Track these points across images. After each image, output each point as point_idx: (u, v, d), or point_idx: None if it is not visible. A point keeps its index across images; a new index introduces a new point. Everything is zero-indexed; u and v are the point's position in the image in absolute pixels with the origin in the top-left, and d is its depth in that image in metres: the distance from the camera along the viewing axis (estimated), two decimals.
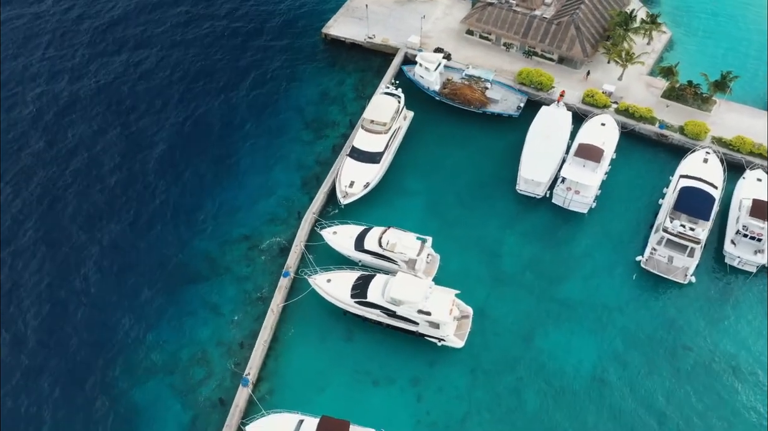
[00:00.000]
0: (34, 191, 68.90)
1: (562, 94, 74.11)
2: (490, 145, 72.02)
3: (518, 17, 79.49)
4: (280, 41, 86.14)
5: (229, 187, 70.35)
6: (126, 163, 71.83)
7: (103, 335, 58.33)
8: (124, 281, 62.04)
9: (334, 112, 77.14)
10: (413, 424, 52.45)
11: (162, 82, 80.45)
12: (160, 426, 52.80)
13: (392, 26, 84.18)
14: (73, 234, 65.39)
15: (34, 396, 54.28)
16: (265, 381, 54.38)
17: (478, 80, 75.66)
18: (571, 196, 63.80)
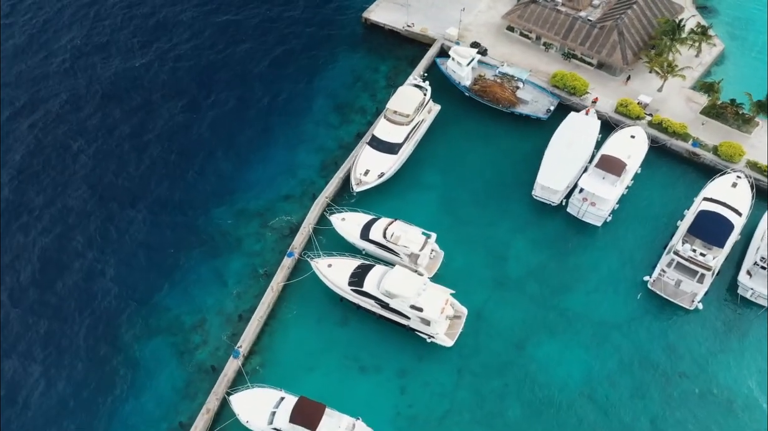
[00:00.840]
0: (74, 154, 72.26)
1: (595, 101, 72.34)
2: (515, 146, 71.11)
3: (561, 17, 77.53)
4: (320, 22, 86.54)
5: (253, 161, 71.87)
6: (163, 126, 74.31)
7: (117, 291, 61.20)
8: (141, 242, 64.81)
9: (363, 98, 77.47)
10: (393, 415, 53.41)
11: (203, 59, 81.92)
12: (156, 384, 55.45)
13: (433, 16, 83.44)
14: (100, 191, 68.58)
15: (47, 342, 57.91)
16: (257, 355, 56.28)
17: (511, 79, 74.53)
18: (587, 207, 62.60)
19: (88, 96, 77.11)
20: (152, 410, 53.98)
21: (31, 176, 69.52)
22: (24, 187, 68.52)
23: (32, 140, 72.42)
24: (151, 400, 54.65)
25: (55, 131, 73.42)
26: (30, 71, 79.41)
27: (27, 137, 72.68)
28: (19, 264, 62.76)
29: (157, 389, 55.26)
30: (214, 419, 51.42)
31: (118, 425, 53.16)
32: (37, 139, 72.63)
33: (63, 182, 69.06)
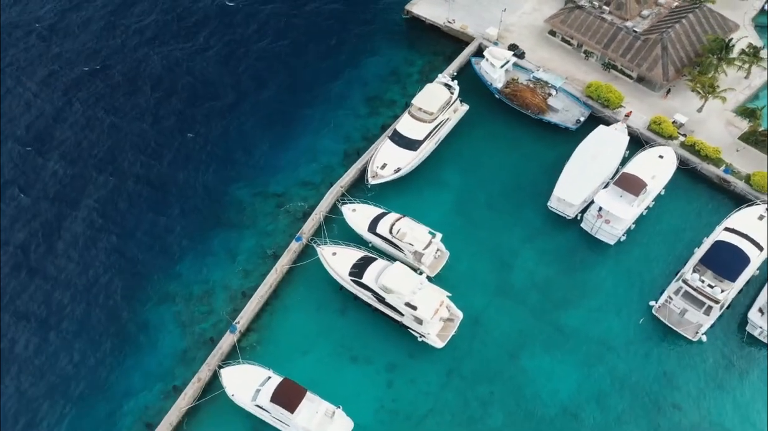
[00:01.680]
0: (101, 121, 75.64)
1: (628, 115, 70.47)
2: (539, 153, 70.13)
3: (604, 26, 75.48)
4: (364, 10, 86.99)
5: (279, 143, 73.36)
6: (199, 100, 76.64)
7: (135, 256, 64.17)
8: (161, 211, 67.50)
9: (394, 91, 77.72)
10: (376, 407, 54.46)
11: (253, 46, 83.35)
12: (158, 347, 58.09)
13: (476, 14, 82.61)
14: (127, 156, 71.66)
15: (62, 293, 61.51)
16: (254, 332, 58.21)
17: (545, 85, 73.36)
18: (601, 224, 61.49)
19: (143, 74, 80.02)
20: (152, 370, 56.70)
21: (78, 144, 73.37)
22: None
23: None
24: (153, 361, 57.39)
25: (103, 104, 76.70)
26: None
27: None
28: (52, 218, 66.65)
29: (159, 352, 57.94)
30: (204, 388, 53.68)
31: (118, 378, 56.10)
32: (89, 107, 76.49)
33: (112, 145, 72.49)
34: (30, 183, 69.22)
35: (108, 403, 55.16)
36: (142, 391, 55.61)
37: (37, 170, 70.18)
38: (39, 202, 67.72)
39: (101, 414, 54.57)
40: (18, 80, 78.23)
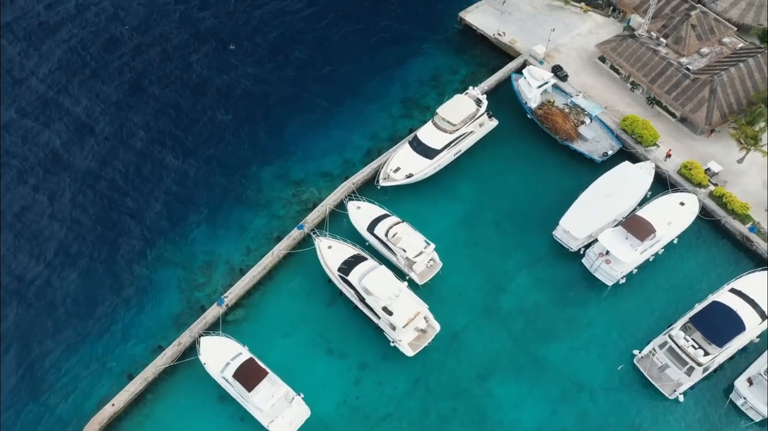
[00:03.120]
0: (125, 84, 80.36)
1: (669, 155, 67.88)
2: (558, 181, 68.89)
3: (655, 59, 72.65)
4: (420, 12, 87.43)
5: (309, 131, 75.32)
6: (247, 84, 79.94)
7: (157, 216, 68.05)
8: (189, 180, 71.35)
9: (431, 96, 78.04)
10: (339, 401, 56.14)
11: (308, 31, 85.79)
12: (157, 305, 61.51)
13: (529, 30, 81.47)
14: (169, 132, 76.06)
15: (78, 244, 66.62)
16: (242, 308, 61.09)
17: (580, 112, 71.71)
18: (601, 263, 60.08)
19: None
20: (147, 326, 60.36)
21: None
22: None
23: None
24: (149, 318, 61.09)
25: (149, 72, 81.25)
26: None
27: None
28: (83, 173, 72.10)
29: (156, 310, 61.57)
30: (183, 352, 57.15)
31: (110, 328, 60.05)
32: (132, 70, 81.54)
33: (153, 109, 77.10)
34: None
35: (102, 347, 59.25)
36: (133, 343, 59.60)
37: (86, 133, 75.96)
38: (76, 155, 73.17)
39: (93, 355, 58.81)
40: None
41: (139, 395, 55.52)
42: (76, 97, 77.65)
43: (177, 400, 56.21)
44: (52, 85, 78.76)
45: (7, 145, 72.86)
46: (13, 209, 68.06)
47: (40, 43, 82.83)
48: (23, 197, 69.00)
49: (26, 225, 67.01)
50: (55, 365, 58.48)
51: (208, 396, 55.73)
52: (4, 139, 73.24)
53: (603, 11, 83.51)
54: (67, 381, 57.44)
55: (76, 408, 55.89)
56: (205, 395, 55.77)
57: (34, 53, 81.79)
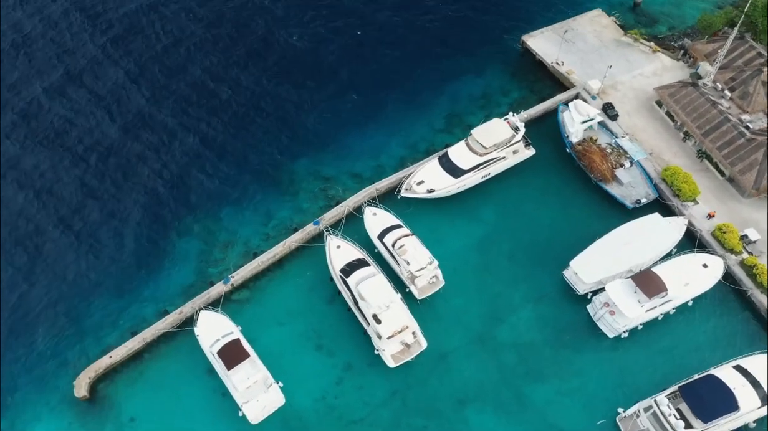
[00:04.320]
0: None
1: (711, 215, 64.83)
2: (584, 221, 67.19)
3: (712, 112, 69.27)
4: (486, 29, 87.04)
5: (351, 131, 77.00)
6: (306, 77, 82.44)
7: (196, 190, 71.67)
8: (232, 162, 74.47)
9: (477, 115, 77.73)
10: (318, 397, 57.68)
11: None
12: (174, 272, 65.20)
13: (589, 62, 79.53)
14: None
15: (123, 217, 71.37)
16: (247, 290, 63.80)
17: (622, 154, 69.55)
18: (605, 313, 58.41)
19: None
20: (160, 289, 64.10)
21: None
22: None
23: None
24: (162, 282, 64.90)
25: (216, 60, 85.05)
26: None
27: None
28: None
29: (173, 276, 65.29)
30: (183, 321, 60.43)
31: (128, 285, 64.25)
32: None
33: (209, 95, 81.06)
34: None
35: (116, 301, 63.56)
36: (144, 303, 63.60)
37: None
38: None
39: (108, 308, 63.20)
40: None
41: (136, 353, 59.35)
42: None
43: (170, 365, 59.61)
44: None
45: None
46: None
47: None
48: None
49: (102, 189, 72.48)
50: (71, 310, 63.32)
51: (197, 367, 58.71)
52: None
53: (673, 54, 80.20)
54: (80, 328, 62.10)
55: (82, 354, 60.38)
56: (195, 365, 58.79)
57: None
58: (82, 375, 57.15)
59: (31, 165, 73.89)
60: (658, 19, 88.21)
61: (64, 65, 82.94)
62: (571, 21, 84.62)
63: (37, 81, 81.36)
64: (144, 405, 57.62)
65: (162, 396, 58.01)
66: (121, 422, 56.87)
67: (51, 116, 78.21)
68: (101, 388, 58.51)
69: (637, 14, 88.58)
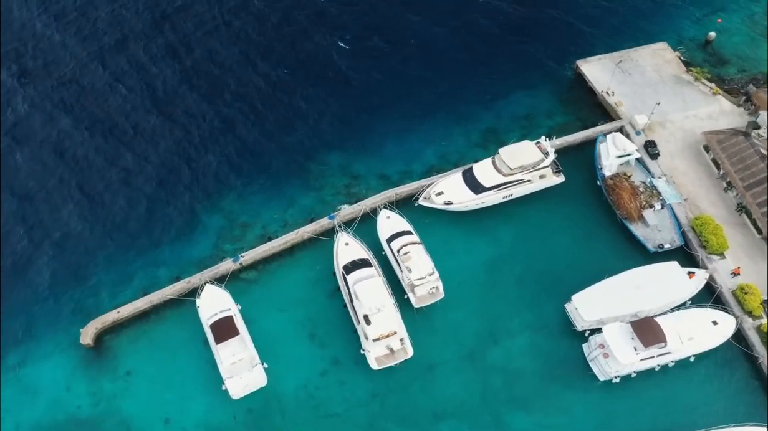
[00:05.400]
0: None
1: (736, 272, 61.88)
2: (602, 257, 65.22)
3: (759, 166, 65.70)
4: (542, 47, 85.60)
5: (388, 133, 77.45)
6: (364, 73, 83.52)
7: (225, 170, 74.30)
8: (267, 147, 76.73)
9: (514, 134, 76.61)
10: (300, 385, 59.19)
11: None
12: (193, 242, 68.03)
13: (642, 95, 76.87)
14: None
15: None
16: (255, 271, 66.07)
17: (655, 195, 67.13)
18: (598, 354, 56.90)
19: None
20: (176, 256, 66.94)
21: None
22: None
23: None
24: (181, 250, 67.77)
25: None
26: None
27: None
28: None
29: (191, 246, 68.15)
30: (190, 291, 63.34)
31: (149, 249, 67.73)
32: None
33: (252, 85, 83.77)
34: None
35: (137, 261, 67.01)
36: (161, 267, 67.09)
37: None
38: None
39: (128, 266, 67.17)
40: None
41: (142, 312, 62.89)
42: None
43: (172, 329, 62.78)
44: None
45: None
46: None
47: None
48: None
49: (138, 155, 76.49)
50: (95, 262, 67.57)
51: (196, 337, 61.42)
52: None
53: (735, 98, 76.25)
54: (99, 280, 66.25)
55: (96, 304, 64.37)
56: (194, 334, 61.54)
57: None
58: (90, 324, 61.16)
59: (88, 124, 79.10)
60: (728, 59, 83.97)
61: (123, 34, 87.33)
62: (632, 51, 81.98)
63: (91, 48, 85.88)
64: (141, 363, 61.09)
65: (159, 357, 61.30)
66: (118, 374, 60.58)
67: (102, 83, 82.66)
68: (107, 339, 62.50)
69: (707, 52, 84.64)
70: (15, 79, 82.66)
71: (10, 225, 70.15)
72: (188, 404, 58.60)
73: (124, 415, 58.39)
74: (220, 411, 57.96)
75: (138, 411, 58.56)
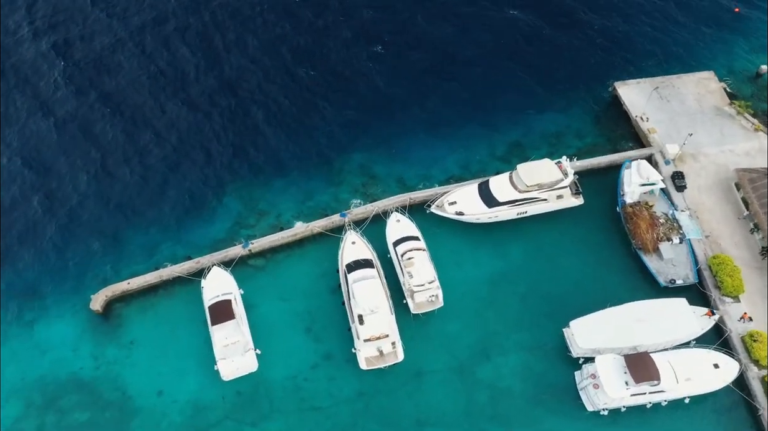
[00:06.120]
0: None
1: (744, 317, 59.53)
2: (611, 285, 63.68)
3: None
4: (582, 65, 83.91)
5: (415, 137, 77.33)
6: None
7: (254, 158, 76.08)
8: (296, 138, 78.21)
9: (541, 151, 74.45)
10: (289, 374, 60.02)
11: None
12: (208, 224, 69.60)
13: (678, 124, 74.50)
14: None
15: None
16: (263, 259, 67.56)
17: (675, 228, 65.10)
18: (588, 384, 55.74)
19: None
20: (192, 235, 68.83)
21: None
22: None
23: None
24: (198, 231, 69.35)
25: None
26: None
27: None
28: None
29: (205, 227, 69.74)
30: (197, 271, 65.35)
31: (170, 226, 70.05)
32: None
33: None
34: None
35: (156, 236, 69.31)
36: (178, 244, 69.02)
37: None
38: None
39: (147, 239, 69.76)
40: None
41: (151, 286, 65.40)
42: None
43: (177, 306, 64.91)
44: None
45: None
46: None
47: None
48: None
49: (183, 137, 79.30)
50: (118, 233, 70.64)
51: (198, 316, 63.05)
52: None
53: None
54: (119, 250, 69.10)
55: (112, 273, 66.96)
56: (196, 314, 63.19)
57: None
58: (101, 292, 64.06)
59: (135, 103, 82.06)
60: None
61: (163, 16, 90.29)
62: (675, 77, 79.49)
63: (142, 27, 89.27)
64: (145, 334, 63.55)
65: (162, 330, 63.62)
66: (122, 342, 63.23)
67: (151, 62, 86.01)
68: (116, 307, 65.24)
69: (756, 86, 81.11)
70: (55, 51, 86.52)
71: (37, 190, 74.02)
72: (182, 379, 60.65)
73: (121, 382, 60.98)
74: (211, 390, 59.76)
75: (135, 379, 61.02)
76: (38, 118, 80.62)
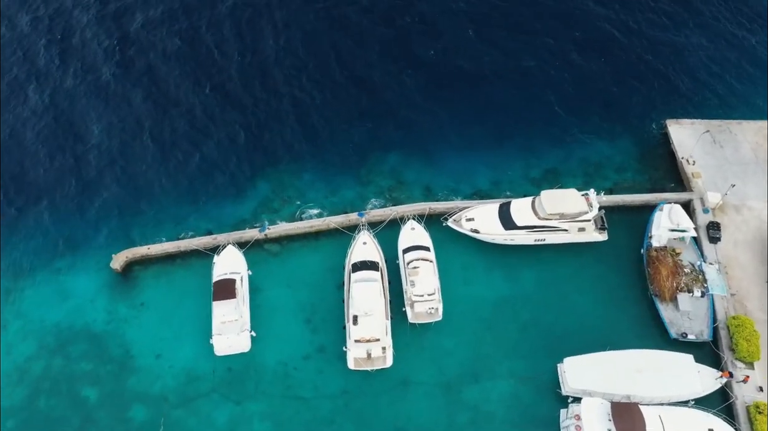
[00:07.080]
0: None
1: (745, 380, 56.24)
2: (620, 328, 61.29)
3: None
4: (643, 99, 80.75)
5: (453, 149, 76.98)
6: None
7: (294, 146, 78.55)
8: (333, 133, 79.57)
9: (575, 179, 72.57)
10: (280, 360, 61.00)
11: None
12: (235, 204, 72.11)
13: (726, 172, 70.51)
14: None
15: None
16: (278, 245, 68.97)
17: (699, 280, 61.89)
18: (571, 424, 53.89)
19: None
20: (218, 212, 71.63)
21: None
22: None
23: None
24: (225, 208, 71.86)
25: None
26: None
27: None
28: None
29: (232, 206, 71.95)
30: (214, 247, 67.70)
31: (201, 200, 73.14)
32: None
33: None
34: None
35: (187, 208, 72.65)
36: (204, 219, 71.99)
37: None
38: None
39: (178, 210, 73.22)
40: None
41: (169, 255, 68.36)
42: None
43: (190, 277, 67.48)
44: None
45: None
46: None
47: None
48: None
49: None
50: (153, 200, 74.22)
51: (206, 290, 64.65)
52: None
53: None
54: (151, 215, 72.69)
55: (140, 236, 70.67)
56: (205, 287, 64.97)
57: None
58: (122, 253, 67.64)
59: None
60: None
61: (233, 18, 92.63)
62: (734, 123, 75.24)
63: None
64: (156, 299, 66.59)
65: (172, 297, 66.49)
66: (134, 302, 66.53)
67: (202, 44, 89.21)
68: (135, 269, 68.64)
69: None
70: (110, 20, 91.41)
71: (90, 149, 78.95)
72: (180, 347, 63.24)
73: (126, 339, 64.29)
74: (204, 362, 62.00)
75: (139, 339, 64.18)
76: (89, 81, 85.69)
